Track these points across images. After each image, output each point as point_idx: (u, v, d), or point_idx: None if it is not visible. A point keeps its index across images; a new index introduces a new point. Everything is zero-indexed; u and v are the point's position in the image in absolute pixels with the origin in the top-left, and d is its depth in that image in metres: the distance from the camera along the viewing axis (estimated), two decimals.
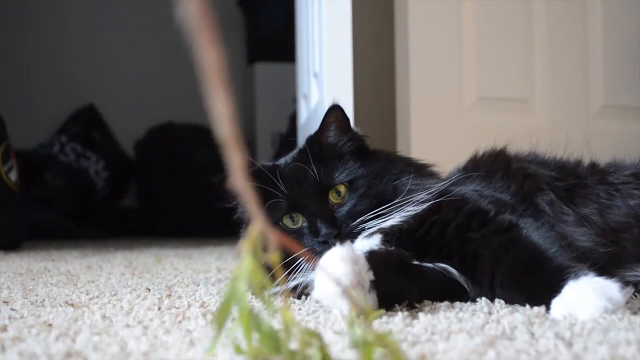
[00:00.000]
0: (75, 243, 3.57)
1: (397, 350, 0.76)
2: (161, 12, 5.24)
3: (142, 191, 4.94)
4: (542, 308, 1.13)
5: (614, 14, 2.74)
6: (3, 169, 3.03)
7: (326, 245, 1.32)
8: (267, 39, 4.98)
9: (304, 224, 1.37)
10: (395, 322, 1.04)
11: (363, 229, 1.33)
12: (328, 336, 0.93)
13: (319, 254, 1.29)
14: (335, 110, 1.43)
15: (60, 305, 1.28)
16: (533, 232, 1.26)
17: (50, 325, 1.05)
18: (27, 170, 4.51)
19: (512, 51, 2.64)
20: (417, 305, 1.21)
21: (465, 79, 2.59)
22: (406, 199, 1.35)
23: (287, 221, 1.38)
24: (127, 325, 1.04)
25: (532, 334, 0.94)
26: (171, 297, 1.37)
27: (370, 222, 1.34)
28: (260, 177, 1.40)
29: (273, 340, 0.77)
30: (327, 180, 1.39)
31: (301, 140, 3.23)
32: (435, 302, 1.23)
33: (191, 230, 4.48)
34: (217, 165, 4.09)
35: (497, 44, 2.61)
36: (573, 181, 1.50)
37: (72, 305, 1.28)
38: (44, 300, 1.35)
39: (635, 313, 1.12)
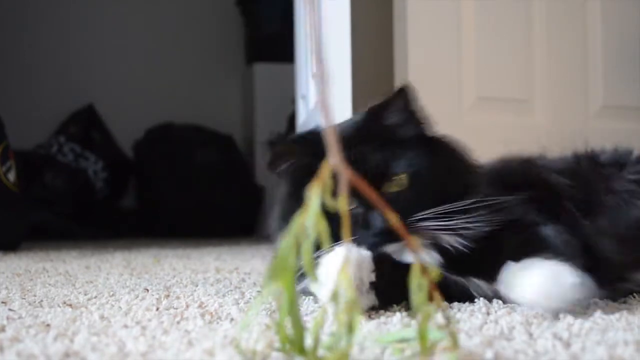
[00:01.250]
0: (74, 243, 3.57)
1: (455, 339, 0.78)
2: (160, 12, 5.25)
3: (141, 191, 4.94)
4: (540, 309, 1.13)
5: (613, 15, 2.74)
6: (2, 169, 3.03)
7: (380, 241, 1.21)
8: (266, 39, 4.98)
9: (357, 210, 1.23)
10: (394, 323, 1.04)
11: (418, 228, 1.22)
12: (326, 336, 0.93)
13: (370, 247, 1.20)
14: (405, 91, 1.29)
15: (59, 306, 1.28)
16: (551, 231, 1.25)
17: (48, 325, 1.05)
18: (26, 170, 4.51)
19: (512, 52, 2.64)
20: None
21: (464, 79, 2.59)
22: (475, 206, 1.23)
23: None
24: (126, 326, 1.04)
25: (531, 334, 0.94)
26: (169, 298, 1.37)
27: (428, 222, 1.22)
28: (316, 145, 1.19)
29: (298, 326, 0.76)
30: (385, 168, 1.25)
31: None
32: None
33: (190, 230, 4.48)
34: (215, 166, 4.09)
35: (496, 45, 2.61)
36: (588, 190, 1.44)
37: (70, 305, 1.28)
38: (42, 301, 1.35)
39: (633, 313, 1.13)
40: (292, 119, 3.83)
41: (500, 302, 1.20)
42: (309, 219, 0.74)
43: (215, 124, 5.04)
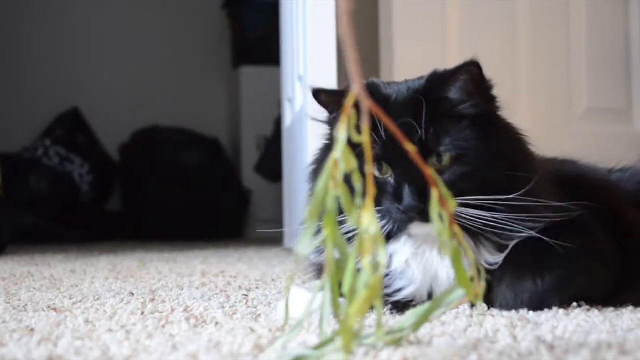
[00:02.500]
0: (60, 247, 3.55)
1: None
2: (146, 16, 5.24)
3: (127, 195, 4.92)
4: (525, 311, 1.14)
5: (597, 17, 2.76)
6: None
7: (407, 217, 1.14)
8: (252, 42, 4.98)
9: (390, 179, 1.16)
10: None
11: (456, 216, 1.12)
12: (311, 339, 0.93)
13: (395, 222, 1.15)
14: (472, 66, 1.20)
15: (43, 310, 1.27)
16: None
17: (32, 330, 1.05)
18: (11, 174, 4.49)
19: (496, 55, 2.65)
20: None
21: None
22: (522, 204, 1.15)
23: (375, 170, 1.16)
24: (110, 330, 1.04)
25: (515, 337, 0.94)
26: (155, 302, 1.37)
27: (465, 209, 1.13)
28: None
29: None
30: (432, 144, 1.16)
31: (286, 145, 3.24)
32: (418, 307, 1.23)
33: (176, 234, 4.47)
34: (201, 169, 4.09)
35: (480, 48, 2.61)
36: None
37: (55, 309, 1.28)
38: (26, 305, 1.34)
39: (617, 316, 1.13)
40: (279, 123, 3.83)
41: (484, 305, 1.20)
42: (338, 152, 0.75)
43: (201, 127, 5.03)
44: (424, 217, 1.09)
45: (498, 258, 1.17)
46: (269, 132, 4.53)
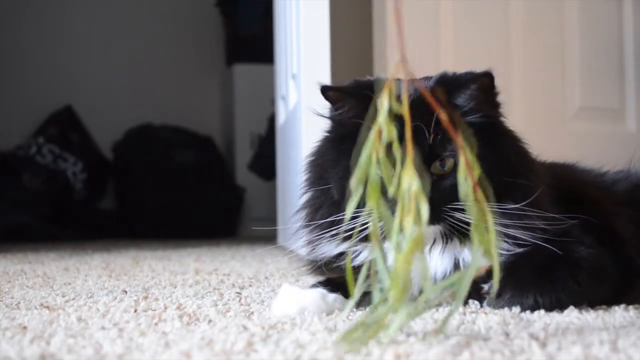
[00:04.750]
0: (53, 245, 3.55)
1: None
2: (139, 13, 5.23)
3: (121, 193, 4.92)
4: (518, 308, 1.14)
5: (590, 18, 2.76)
6: None
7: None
8: (246, 40, 4.98)
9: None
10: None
11: (448, 218, 1.17)
12: (304, 337, 0.93)
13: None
14: (485, 77, 1.24)
15: (36, 308, 1.27)
16: None
17: (25, 327, 1.05)
18: (4, 172, 4.49)
19: (489, 53, 2.65)
20: None
21: None
22: (522, 213, 1.18)
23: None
24: (103, 328, 1.04)
25: (507, 334, 0.95)
26: (148, 299, 1.37)
27: (463, 215, 1.15)
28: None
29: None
30: (437, 149, 1.18)
31: (280, 142, 3.24)
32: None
33: (170, 232, 4.47)
34: (195, 167, 4.09)
35: (474, 47, 2.62)
36: None
37: (47, 307, 1.27)
38: (19, 303, 1.34)
39: (609, 314, 1.13)
40: (272, 120, 3.83)
41: (477, 302, 1.20)
42: (381, 119, 0.79)
43: (194, 125, 5.03)
44: (430, 220, 1.11)
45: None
46: (262, 130, 4.53)
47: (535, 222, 1.19)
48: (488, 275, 1.18)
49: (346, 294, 1.21)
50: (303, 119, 2.38)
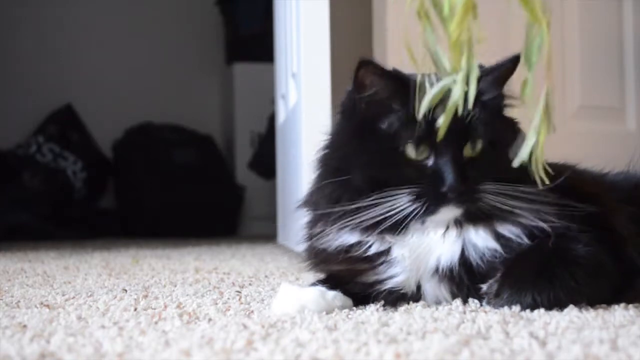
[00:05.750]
0: (53, 244, 3.55)
1: None
2: (139, 12, 5.23)
3: (121, 191, 4.91)
4: (518, 307, 1.14)
5: (590, 17, 2.76)
6: None
7: (444, 199, 1.17)
8: (246, 39, 4.97)
9: (428, 161, 1.19)
10: (371, 322, 1.05)
11: (483, 195, 1.18)
12: (304, 335, 0.93)
13: (430, 204, 1.17)
14: (516, 61, 1.27)
15: (36, 307, 1.27)
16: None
17: (25, 326, 1.05)
18: (3, 170, 4.49)
19: (490, 53, 2.64)
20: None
21: None
22: (543, 199, 1.20)
23: (409, 149, 1.19)
24: (103, 326, 1.04)
25: (507, 333, 0.95)
26: (148, 298, 1.37)
27: (494, 195, 1.18)
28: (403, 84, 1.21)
29: None
30: (473, 129, 1.20)
31: (280, 141, 3.23)
32: (411, 302, 1.24)
33: (169, 230, 4.47)
34: (195, 166, 4.09)
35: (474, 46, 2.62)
36: None
37: (47, 306, 1.28)
38: (19, 302, 1.34)
39: (609, 312, 1.13)
40: (272, 119, 3.83)
41: (477, 301, 1.20)
42: None
43: (194, 123, 5.02)
44: (461, 199, 1.17)
45: (509, 233, 1.20)
46: (262, 129, 4.53)
47: (548, 209, 1.21)
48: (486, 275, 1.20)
49: (345, 292, 1.22)
50: (303, 117, 2.38)
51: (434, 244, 1.21)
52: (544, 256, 1.19)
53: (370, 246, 1.22)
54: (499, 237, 1.21)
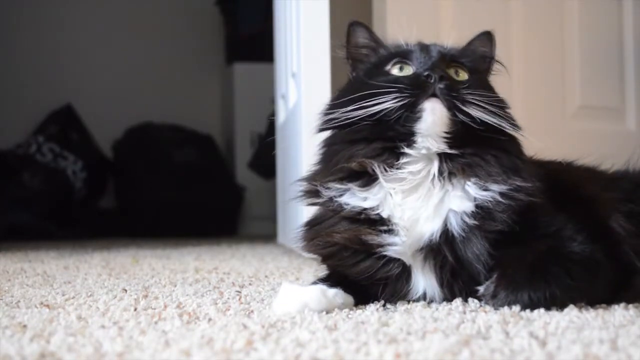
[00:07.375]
0: (53, 244, 3.55)
1: None
2: (139, 12, 5.23)
3: (121, 191, 4.91)
4: (517, 307, 1.14)
5: (590, 16, 2.76)
6: None
7: (426, 87, 1.23)
8: (245, 38, 4.97)
9: (409, 73, 1.29)
10: (372, 322, 1.05)
11: (465, 110, 1.23)
12: (304, 335, 0.93)
13: (413, 97, 1.22)
14: (489, 34, 1.48)
15: (36, 306, 1.27)
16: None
17: (25, 326, 1.05)
18: (3, 170, 4.48)
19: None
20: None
21: None
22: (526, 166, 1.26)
23: (394, 69, 1.31)
24: (103, 326, 1.04)
25: (507, 333, 0.95)
26: (148, 298, 1.37)
27: (478, 108, 1.25)
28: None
29: None
30: (452, 55, 1.35)
31: (280, 141, 3.23)
32: (411, 302, 1.24)
33: (170, 230, 4.47)
34: (195, 165, 4.08)
35: None
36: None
37: (47, 306, 1.27)
38: (19, 302, 1.34)
39: (609, 312, 1.13)
40: (272, 119, 3.82)
41: (477, 301, 1.20)
42: None
43: (194, 123, 5.02)
44: (443, 92, 1.23)
45: (481, 194, 1.22)
46: (262, 129, 4.53)
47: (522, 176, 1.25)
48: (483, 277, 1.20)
49: (346, 289, 1.22)
50: (303, 117, 2.38)
51: (421, 213, 1.22)
52: (539, 255, 1.19)
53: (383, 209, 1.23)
54: (475, 199, 1.22)
